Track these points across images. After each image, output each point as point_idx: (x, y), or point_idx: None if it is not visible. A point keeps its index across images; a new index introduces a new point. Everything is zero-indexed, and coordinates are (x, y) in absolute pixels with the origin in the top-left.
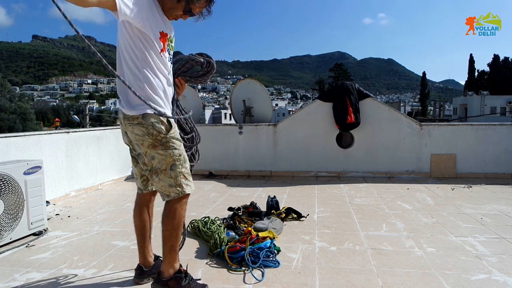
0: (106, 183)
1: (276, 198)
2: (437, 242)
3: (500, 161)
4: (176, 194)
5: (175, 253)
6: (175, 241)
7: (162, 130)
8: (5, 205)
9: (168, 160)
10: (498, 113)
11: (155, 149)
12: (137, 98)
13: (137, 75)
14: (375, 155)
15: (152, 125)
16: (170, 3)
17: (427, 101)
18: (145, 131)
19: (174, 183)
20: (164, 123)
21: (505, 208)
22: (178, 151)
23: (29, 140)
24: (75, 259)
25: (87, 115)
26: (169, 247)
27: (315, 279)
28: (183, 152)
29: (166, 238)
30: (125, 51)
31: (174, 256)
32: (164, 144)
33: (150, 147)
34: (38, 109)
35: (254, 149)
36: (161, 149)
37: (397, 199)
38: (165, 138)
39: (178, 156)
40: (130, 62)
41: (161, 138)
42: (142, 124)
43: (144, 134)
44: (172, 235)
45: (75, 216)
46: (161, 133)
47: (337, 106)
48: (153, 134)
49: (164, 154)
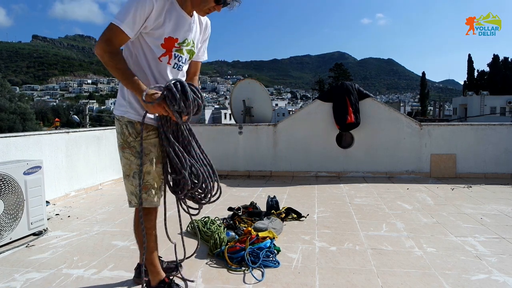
0: (106, 183)
1: (276, 198)
2: (437, 242)
3: (500, 161)
4: (136, 204)
5: (152, 266)
6: (148, 254)
7: (133, 133)
8: (5, 205)
9: (132, 166)
10: (498, 113)
11: (123, 150)
12: (121, 99)
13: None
14: (375, 155)
15: (125, 125)
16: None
17: (427, 101)
18: (119, 129)
19: (134, 192)
20: (138, 126)
21: (505, 208)
22: (142, 161)
23: (29, 140)
24: (75, 259)
25: (87, 115)
26: (145, 259)
27: (315, 279)
28: (147, 163)
29: (139, 248)
30: (126, 51)
31: (152, 269)
32: (131, 149)
33: (120, 147)
34: (38, 109)
35: (254, 149)
36: (127, 153)
37: (397, 199)
38: (133, 142)
39: (141, 166)
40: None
41: (130, 141)
42: (119, 121)
43: (118, 132)
44: (142, 247)
45: (75, 216)
46: (131, 135)
47: (337, 106)
48: (124, 134)
49: (129, 159)
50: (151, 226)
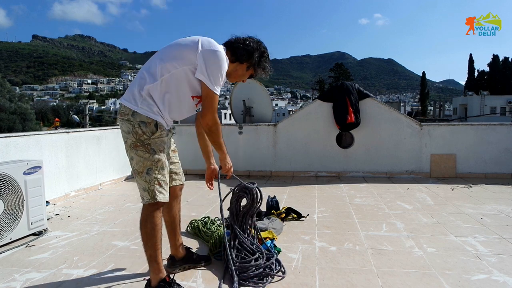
0: (106, 183)
1: (276, 198)
2: (437, 242)
3: (500, 161)
4: (148, 199)
5: (156, 263)
6: (152, 251)
7: (147, 132)
8: (5, 205)
9: (146, 163)
10: (498, 113)
11: (136, 149)
12: (138, 95)
13: (161, 85)
14: (375, 155)
15: (138, 124)
16: (241, 70)
17: (427, 101)
18: (130, 129)
19: (148, 188)
20: (151, 126)
21: (505, 208)
22: (157, 156)
23: (29, 140)
24: (75, 259)
25: (87, 115)
26: (148, 257)
27: (315, 279)
28: (162, 158)
29: (144, 245)
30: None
31: (155, 266)
32: (145, 146)
33: (131, 146)
34: (38, 109)
35: (254, 149)
36: (141, 151)
37: (397, 199)
38: (148, 140)
39: (156, 162)
40: (166, 72)
41: (144, 139)
42: (130, 121)
43: (129, 132)
44: (147, 244)
45: (75, 216)
46: (145, 134)
47: (337, 106)
48: (137, 133)
49: (143, 156)
50: (159, 223)
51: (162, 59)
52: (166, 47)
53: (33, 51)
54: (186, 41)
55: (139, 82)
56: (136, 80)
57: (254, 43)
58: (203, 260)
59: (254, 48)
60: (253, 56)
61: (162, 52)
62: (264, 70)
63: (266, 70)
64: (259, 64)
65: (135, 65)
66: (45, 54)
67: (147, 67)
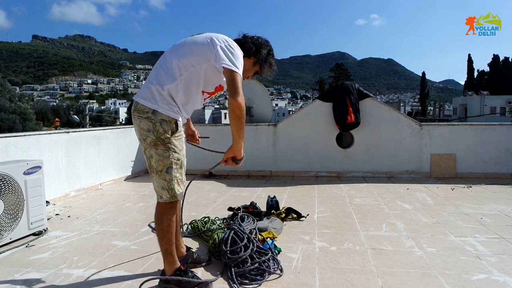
0: (106, 183)
1: (276, 198)
2: (437, 242)
3: (500, 161)
4: (168, 198)
5: (171, 256)
6: (168, 246)
7: (168, 131)
8: (5, 205)
9: (166, 162)
10: (498, 113)
11: (156, 147)
12: (158, 95)
13: (180, 85)
14: (375, 155)
15: (160, 122)
16: (248, 65)
17: (427, 101)
18: (151, 127)
19: (167, 186)
20: (172, 124)
21: (505, 208)
22: (177, 155)
23: (29, 140)
24: (75, 259)
25: (87, 115)
26: (163, 251)
27: (315, 279)
28: (182, 157)
29: (159, 241)
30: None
31: (171, 258)
32: (166, 145)
33: (151, 144)
34: (38, 109)
35: (254, 149)
36: (161, 149)
37: (397, 199)
38: (168, 139)
39: (176, 160)
40: (184, 70)
41: (165, 138)
42: (150, 119)
43: (149, 130)
44: (163, 239)
45: (75, 216)
46: (166, 132)
47: (337, 106)
48: (158, 132)
49: (163, 155)
50: (174, 219)
51: (178, 57)
52: (180, 43)
53: (33, 51)
54: (201, 37)
55: (157, 80)
56: (153, 77)
57: (263, 40)
58: (203, 260)
59: (262, 43)
60: (260, 51)
61: (176, 49)
62: (271, 67)
63: (272, 66)
64: (265, 60)
65: (135, 65)
66: (45, 54)
67: (163, 65)
